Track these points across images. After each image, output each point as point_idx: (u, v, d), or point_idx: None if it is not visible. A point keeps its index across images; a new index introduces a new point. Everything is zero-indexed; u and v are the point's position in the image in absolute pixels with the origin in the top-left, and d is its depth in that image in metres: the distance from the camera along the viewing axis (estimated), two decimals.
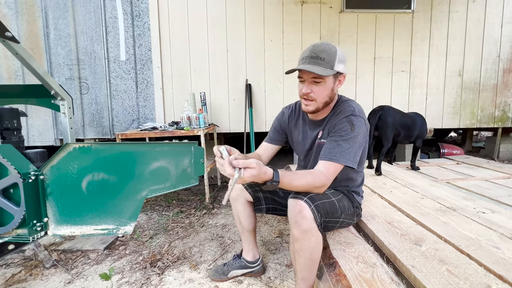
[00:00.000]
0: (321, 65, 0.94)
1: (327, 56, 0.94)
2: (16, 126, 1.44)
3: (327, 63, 0.94)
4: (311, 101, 1.02)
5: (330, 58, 0.94)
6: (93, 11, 2.87)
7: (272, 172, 0.86)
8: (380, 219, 1.26)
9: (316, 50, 0.95)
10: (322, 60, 0.94)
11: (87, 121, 3.00)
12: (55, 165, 1.13)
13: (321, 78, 0.96)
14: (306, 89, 0.99)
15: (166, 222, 2.04)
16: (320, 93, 0.99)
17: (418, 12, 3.07)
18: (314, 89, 0.99)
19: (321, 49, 0.95)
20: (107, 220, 1.16)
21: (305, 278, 0.98)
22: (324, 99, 1.01)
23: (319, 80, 0.97)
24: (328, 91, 1.00)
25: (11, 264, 1.48)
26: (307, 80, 0.99)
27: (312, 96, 1.00)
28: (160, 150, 1.14)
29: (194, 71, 3.01)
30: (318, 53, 0.94)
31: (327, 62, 0.94)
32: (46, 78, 1.50)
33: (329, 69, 0.95)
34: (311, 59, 0.95)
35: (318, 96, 1.00)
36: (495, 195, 1.73)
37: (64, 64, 2.92)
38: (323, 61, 0.94)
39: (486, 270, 0.83)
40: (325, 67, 0.94)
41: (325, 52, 0.94)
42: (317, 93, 0.99)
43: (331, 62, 0.94)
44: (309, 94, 1.00)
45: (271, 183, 0.85)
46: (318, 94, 0.99)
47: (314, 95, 1.00)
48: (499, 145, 3.45)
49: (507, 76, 3.22)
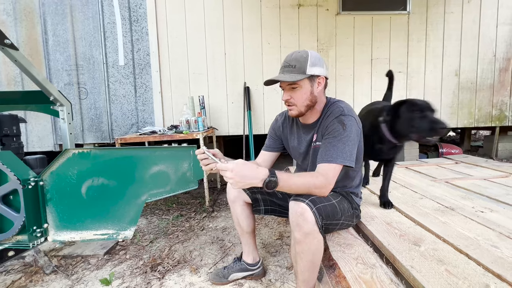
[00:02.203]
0: (292, 73, 1.02)
1: (297, 63, 1.02)
2: (16, 133, 1.44)
3: (298, 69, 1.02)
4: (292, 106, 1.08)
5: (301, 65, 1.02)
6: (91, 16, 2.89)
7: (266, 169, 0.87)
8: (379, 220, 1.26)
9: (288, 60, 1.05)
10: (293, 68, 1.02)
11: (86, 126, 3.00)
12: (55, 171, 1.14)
13: (295, 84, 1.03)
14: (285, 96, 1.08)
15: (166, 226, 2.04)
16: (298, 98, 1.06)
17: (414, 14, 3.10)
18: (293, 95, 1.06)
19: (292, 58, 1.04)
20: (107, 225, 1.17)
21: (306, 280, 0.99)
22: (304, 103, 1.07)
23: (294, 86, 1.04)
24: (307, 94, 1.05)
25: (11, 271, 1.47)
26: (285, 88, 1.07)
27: (292, 102, 1.07)
28: (159, 154, 1.14)
29: (192, 74, 3.02)
30: (289, 62, 1.03)
31: (298, 68, 1.02)
32: (45, 84, 1.51)
33: (301, 75, 1.02)
34: (285, 68, 1.04)
35: (297, 100, 1.06)
36: (494, 194, 1.73)
37: (63, 69, 2.93)
38: (294, 68, 1.02)
39: (485, 270, 0.83)
40: (296, 73, 1.02)
41: (295, 60, 1.03)
42: (296, 98, 1.06)
43: (303, 68, 1.02)
44: (289, 100, 1.07)
45: (269, 179, 0.86)
46: (297, 99, 1.06)
47: (293, 100, 1.07)
48: (497, 144, 3.47)
49: (503, 76, 3.25)
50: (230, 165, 0.83)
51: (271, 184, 0.86)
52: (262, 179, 0.85)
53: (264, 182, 0.86)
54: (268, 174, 0.86)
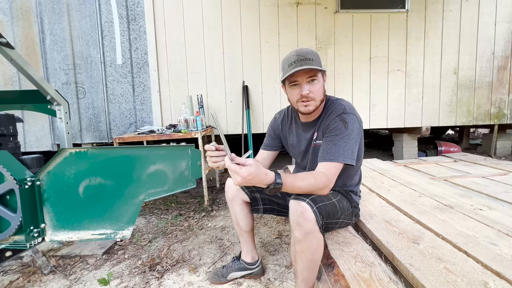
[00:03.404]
0: (313, 65, 0.98)
1: (314, 57, 1.00)
2: (12, 132, 1.43)
3: (316, 62, 0.99)
4: (311, 101, 1.03)
5: (317, 58, 1.00)
6: (88, 15, 2.87)
7: (273, 175, 0.86)
8: (378, 218, 1.26)
9: (302, 53, 1.00)
10: (312, 60, 0.99)
11: (84, 126, 2.99)
12: (52, 170, 1.13)
13: (316, 76, 1.01)
14: (305, 90, 1.01)
15: (165, 225, 2.03)
16: (317, 91, 1.03)
17: (412, 12, 3.10)
18: (312, 89, 1.02)
19: (305, 51, 1.00)
20: (105, 225, 1.16)
21: (306, 279, 0.98)
22: (320, 97, 1.05)
23: (314, 78, 1.01)
24: (322, 88, 1.05)
25: (8, 271, 1.46)
26: (302, 82, 1.01)
27: (312, 96, 1.02)
28: (157, 153, 1.14)
29: (191, 73, 3.01)
30: (305, 55, 0.99)
31: (315, 61, 0.99)
32: (42, 83, 1.50)
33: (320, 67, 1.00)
34: (302, 61, 0.98)
35: (316, 94, 1.03)
36: (492, 192, 1.73)
37: (60, 69, 2.92)
38: (313, 61, 0.99)
39: (484, 267, 0.83)
40: (316, 65, 0.99)
41: (311, 54, 1.00)
42: (314, 91, 1.02)
43: (319, 61, 1.01)
44: (309, 95, 1.02)
45: (274, 185, 0.84)
46: (316, 92, 1.03)
47: (313, 95, 1.02)
48: (495, 142, 3.48)
49: (502, 74, 3.25)
50: (245, 173, 0.79)
51: (274, 190, 0.86)
52: (267, 184, 0.85)
53: (267, 188, 0.85)
54: (274, 181, 0.85)
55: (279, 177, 0.86)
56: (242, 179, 0.80)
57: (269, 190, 0.85)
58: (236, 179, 0.81)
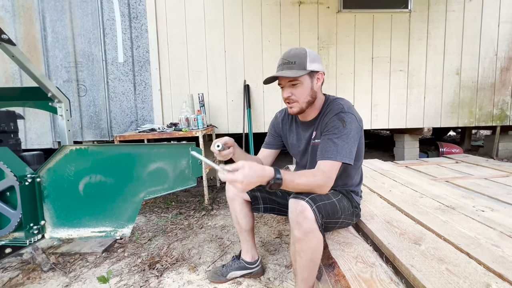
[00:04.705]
0: (293, 69, 1.00)
1: (297, 59, 1.01)
2: (13, 129, 1.43)
3: (299, 65, 1.00)
4: (293, 103, 1.06)
5: (301, 61, 1.01)
6: (90, 13, 2.87)
7: (272, 169, 0.85)
8: (379, 219, 1.25)
9: (286, 57, 1.02)
10: (294, 64, 1.01)
11: (85, 123, 2.99)
12: (52, 167, 1.12)
13: (296, 80, 1.02)
14: (286, 93, 1.06)
15: (165, 224, 2.03)
16: (300, 94, 1.04)
17: (415, 12, 3.08)
18: (293, 92, 1.04)
19: (291, 54, 1.02)
20: (104, 223, 1.16)
21: (306, 279, 0.98)
22: (306, 99, 1.05)
23: (295, 82, 1.03)
24: (308, 90, 1.05)
25: (8, 268, 1.46)
26: (285, 85, 1.05)
27: (293, 98, 1.05)
28: (158, 151, 1.13)
29: (192, 72, 3.00)
30: (289, 58, 1.01)
31: (298, 64, 1.00)
32: (43, 80, 1.50)
33: (302, 70, 1.01)
34: (284, 65, 1.02)
35: (299, 97, 1.05)
36: (494, 193, 1.73)
37: (61, 66, 2.92)
38: (295, 64, 1.00)
39: (486, 269, 0.82)
40: (297, 69, 1.00)
41: (295, 56, 1.01)
42: (297, 94, 1.04)
43: (303, 64, 1.01)
44: (290, 97, 1.05)
45: (274, 180, 0.83)
46: (299, 95, 1.05)
47: (295, 97, 1.05)
48: (497, 144, 3.46)
49: (504, 75, 3.23)
50: (239, 177, 0.78)
51: (275, 186, 0.84)
52: (267, 180, 0.84)
53: (268, 184, 0.84)
54: (273, 176, 0.84)
55: (278, 173, 0.85)
56: (241, 184, 0.78)
57: (270, 186, 0.84)
58: (237, 187, 0.80)
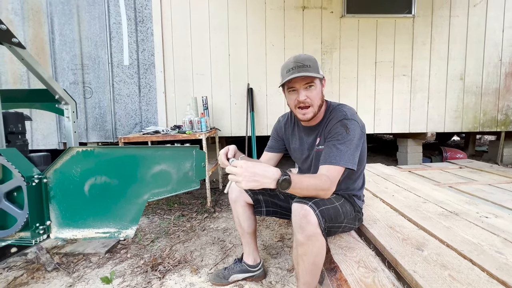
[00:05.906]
0: (309, 72, 1.00)
1: (311, 63, 1.01)
2: (21, 130, 1.46)
3: (313, 69, 1.01)
4: (307, 108, 1.06)
5: (314, 65, 1.02)
6: (97, 17, 2.92)
7: (277, 169, 0.84)
8: (382, 224, 1.25)
9: (299, 60, 1.02)
10: (309, 67, 1.01)
11: (90, 125, 3.03)
12: (58, 168, 1.14)
13: (313, 83, 1.03)
14: (302, 96, 1.03)
15: (167, 225, 2.04)
16: (314, 97, 1.05)
17: (418, 17, 3.09)
18: (309, 95, 1.04)
19: (303, 58, 1.02)
20: (109, 224, 1.17)
21: (308, 283, 0.98)
22: (318, 103, 1.07)
23: (312, 84, 1.03)
24: (320, 94, 1.07)
25: (13, 267, 1.48)
26: (299, 88, 1.04)
27: (309, 102, 1.04)
28: (162, 153, 1.14)
29: (196, 75, 3.03)
30: (302, 61, 1.01)
31: (313, 68, 1.01)
32: (51, 82, 1.52)
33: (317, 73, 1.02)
34: (299, 68, 1.00)
35: (314, 100, 1.05)
36: (499, 199, 1.71)
37: (68, 68, 2.97)
38: (310, 68, 1.01)
39: (489, 276, 0.82)
40: (313, 72, 1.01)
41: (308, 60, 1.02)
42: (312, 97, 1.04)
43: (316, 68, 1.02)
44: (305, 100, 1.04)
45: (282, 178, 0.82)
46: (313, 98, 1.05)
47: (310, 101, 1.04)
48: (502, 149, 3.43)
49: (509, 80, 3.21)
50: (239, 162, 0.81)
51: (285, 183, 0.82)
52: (275, 178, 0.81)
53: (277, 182, 0.81)
54: (281, 173, 0.83)
55: (285, 171, 0.85)
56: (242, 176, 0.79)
57: (280, 183, 0.82)
58: (238, 180, 0.80)
